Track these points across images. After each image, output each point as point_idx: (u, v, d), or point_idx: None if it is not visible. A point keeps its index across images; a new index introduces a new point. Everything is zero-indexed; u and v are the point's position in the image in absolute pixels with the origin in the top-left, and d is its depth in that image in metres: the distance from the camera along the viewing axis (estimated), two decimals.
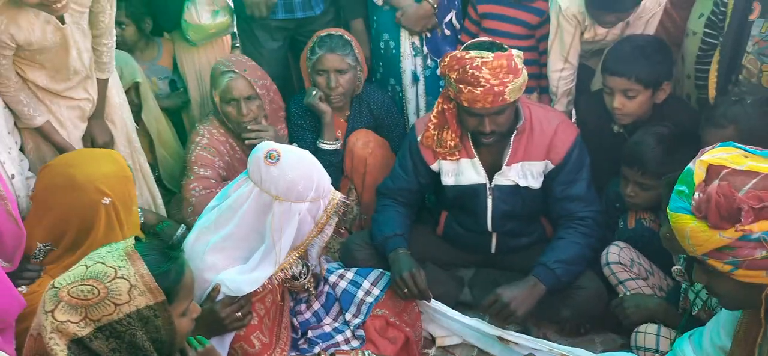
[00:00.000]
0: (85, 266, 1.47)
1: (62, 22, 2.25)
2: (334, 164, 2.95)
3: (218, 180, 2.83)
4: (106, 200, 2.05)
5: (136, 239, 1.57)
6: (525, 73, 2.37)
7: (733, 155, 1.48)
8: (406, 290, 2.42)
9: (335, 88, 2.94)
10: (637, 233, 2.55)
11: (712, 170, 1.47)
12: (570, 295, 2.51)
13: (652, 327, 2.28)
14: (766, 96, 2.32)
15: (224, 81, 2.81)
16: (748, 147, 1.49)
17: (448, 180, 2.60)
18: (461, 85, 2.32)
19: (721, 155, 1.49)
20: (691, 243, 1.50)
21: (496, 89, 2.28)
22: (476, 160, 2.55)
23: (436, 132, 2.56)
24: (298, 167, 2.00)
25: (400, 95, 3.24)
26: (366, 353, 2.20)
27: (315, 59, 2.94)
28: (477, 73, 2.28)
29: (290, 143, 2.95)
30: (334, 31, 3.00)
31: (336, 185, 2.92)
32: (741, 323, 1.69)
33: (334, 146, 2.98)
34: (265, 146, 2.02)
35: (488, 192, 2.58)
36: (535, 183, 2.54)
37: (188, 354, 1.67)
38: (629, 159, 2.49)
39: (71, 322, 1.41)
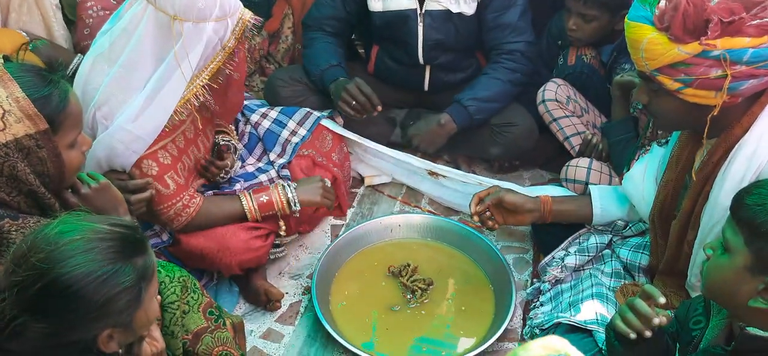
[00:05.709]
0: None
1: None
2: None
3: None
4: None
5: (5, 57, 1.37)
6: None
7: None
8: (354, 102, 2.38)
9: None
10: (576, 69, 2.50)
11: None
12: (501, 132, 2.51)
13: (583, 161, 2.30)
14: None
15: None
16: None
17: (375, 5, 2.49)
18: None
19: None
20: (644, 57, 1.43)
21: None
22: None
23: None
24: None
25: None
26: (288, 184, 2.09)
27: None
28: None
29: None
30: None
31: (269, 12, 2.73)
32: (674, 148, 1.65)
33: None
34: None
35: (418, 19, 2.44)
36: (468, 9, 2.45)
37: (80, 191, 1.53)
38: None
39: None
